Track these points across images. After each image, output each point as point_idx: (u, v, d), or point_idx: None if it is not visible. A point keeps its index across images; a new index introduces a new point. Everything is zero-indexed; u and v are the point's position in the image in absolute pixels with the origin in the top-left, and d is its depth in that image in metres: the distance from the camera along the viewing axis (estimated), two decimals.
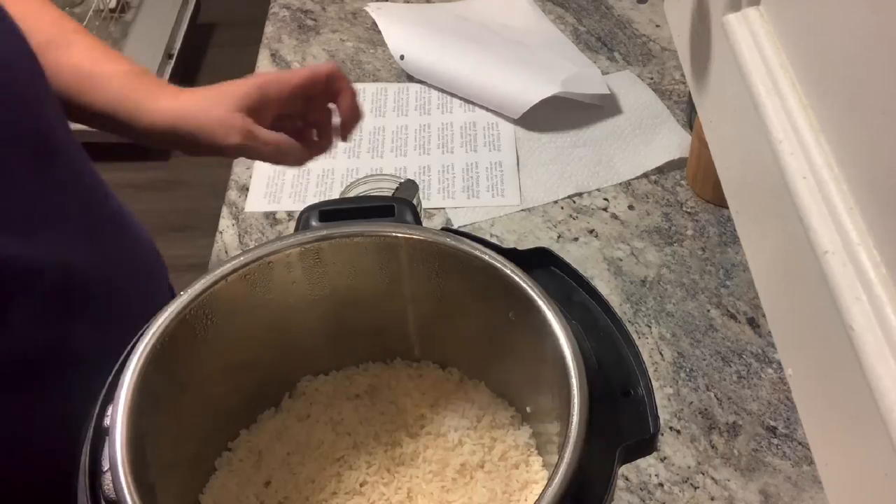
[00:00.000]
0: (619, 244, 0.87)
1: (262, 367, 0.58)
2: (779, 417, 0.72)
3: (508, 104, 0.99)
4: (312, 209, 0.58)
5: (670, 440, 0.71)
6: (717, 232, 0.88)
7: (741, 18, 0.43)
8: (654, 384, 0.65)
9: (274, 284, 0.55)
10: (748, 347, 0.77)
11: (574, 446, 0.44)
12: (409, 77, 1.07)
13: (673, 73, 1.06)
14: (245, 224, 0.90)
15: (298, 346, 0.60)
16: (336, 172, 0.95)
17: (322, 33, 1.15)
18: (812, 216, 0.34)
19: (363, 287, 0.58)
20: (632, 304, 0.81)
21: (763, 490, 0.68)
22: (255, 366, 0.57)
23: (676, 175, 0.93)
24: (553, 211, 0.90)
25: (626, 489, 0.68)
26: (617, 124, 1.00)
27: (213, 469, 0.56)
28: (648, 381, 0.49)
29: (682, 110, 1.00)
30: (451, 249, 0.54)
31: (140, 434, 0.45)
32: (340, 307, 0.59)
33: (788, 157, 0.36)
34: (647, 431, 0.47)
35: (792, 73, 0.38)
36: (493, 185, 0.93)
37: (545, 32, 1.13)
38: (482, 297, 0.55)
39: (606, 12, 1.17)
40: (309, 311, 0.58)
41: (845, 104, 0.34)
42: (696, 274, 0.84)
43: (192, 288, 0.51)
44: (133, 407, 0.46)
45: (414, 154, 0.97)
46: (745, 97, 0.40)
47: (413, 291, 0.59)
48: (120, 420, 0.45)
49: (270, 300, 0.56)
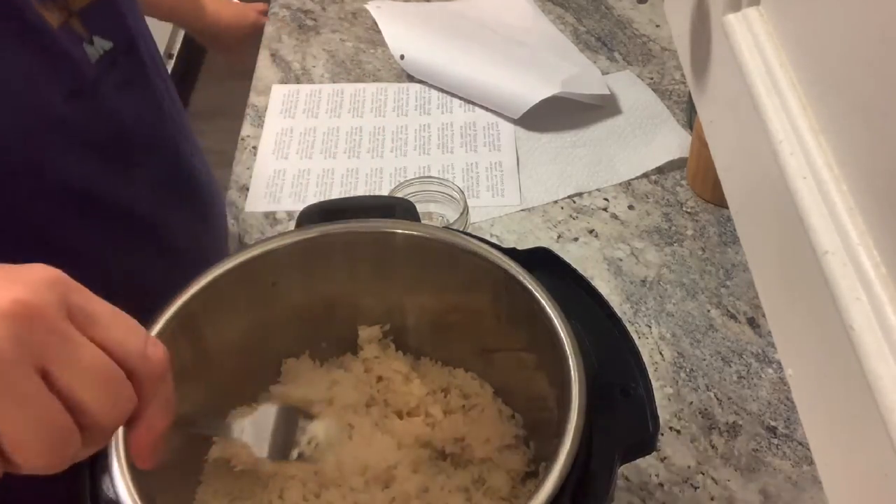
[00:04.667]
0: (619, 244, 0.87)
1: (260, 362, 0.58)
2: (779, 417, 0.72)
3: (508, 104, 0.99)
4: (312, 209, 0.59)
5: (670, 440, 0.71)
6: (717, 232, 0.88)
7: (741, 18, 0.43)
8: (654, 384, 0.64)
9: (274, 280, 0.55)
10: (748, 347, 0.77)
11: (571, 446, 0.44)
12: (409, 77, 1.07)
13: (673, 73, 1.06)
14: (245, 224, 0.90)
15: (297, 340, 0.60)
16: (336, 172, 0.95)
17: (322, 33, 1.15)
18: (812, 216, 0.34)
19: (362, 284, 0.58)
20: (632, 304, 0.81)
21: (763, 490, 0.68)
22: (254, 361, 0.57)
23: (676, 175, 0.93)
24: (553, 211, 0.90)
25: (626, 489, 0.68)
26: (617, 124, 0.99)
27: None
28: (648, 381, 0.49)
29: (682, 110, 1.00)
30: (450, 247, 0.54)
31: None
32: (340, 303, 0.59)
33: (788, 157, 0.36)
34: (647, 431, 0.47)
35: (792, 73, 0.38)
36: (493, 185, 0.93)
37: (545, 32, 1.13)
38: (481, 294, 0.55)
39: (606, 12, 1.17)
40: (308, 306, 0.58)
41: (845, 104, 0.34)
42: (696, 274, 0.84)
43: (192, 286, 0.51)
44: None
45: (414, 154, 0.97)
46: (745, 97, 0.40)
47: (412, 289, 0.59)
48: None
49: (270, 295, 0.56)
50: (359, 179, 0.94)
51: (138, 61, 0.63)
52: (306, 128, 1.01)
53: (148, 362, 0.38)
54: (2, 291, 0.33)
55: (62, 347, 0.34)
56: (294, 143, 0.99)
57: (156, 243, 0.67)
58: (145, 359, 0.37)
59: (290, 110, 1.03)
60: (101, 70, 0.58)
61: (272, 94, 1.05)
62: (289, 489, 0.54)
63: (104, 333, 0.36)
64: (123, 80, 0.60)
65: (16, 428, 0.33)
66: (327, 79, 1.08)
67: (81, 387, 0.34)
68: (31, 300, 0.33)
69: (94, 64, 0.57)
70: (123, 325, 0.37)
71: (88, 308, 0.36)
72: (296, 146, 0.99)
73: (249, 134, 1.01)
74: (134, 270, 0.63)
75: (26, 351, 0.33)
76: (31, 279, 0.34)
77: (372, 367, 0.61)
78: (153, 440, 0.40)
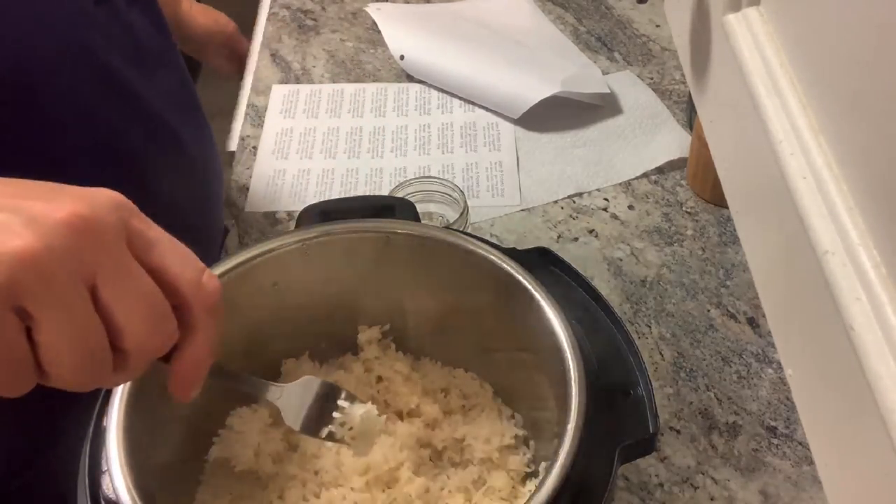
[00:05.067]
0: (619, 244, 0.87)
1: (260, 362, 0.58)
2: (779, 417, 0.72)
3: (508, 104, 0.99)
4: (312, 209, 0.59)
5: (670, 440, 0.71)
6: (717, 232, 0.88)
7: (741, 18, 0.43)
8: (654, 384, 0.65)
9: (274, 280, 0.55)
10: (748, 347, 0.77)
11: (570, 446, 0.44)
12: (409, 77, 1.07)
13: (673, 73, 1.06)
14: (245, 224, 0.90)
15: (297, 340, 0.60)
16: (336, 172, 0.95)
17: (322, 33, 1.15)
18: (812, 216, 0.34)
19: (362, 284, 0.58)
20: (632, 304, 0.81)
21: (763, 490, 0.68)
22: (254, 362, 0.57)
23: (676, 175, 0.93)
24: (553, 211, 0.90)
25: (626, 489, 0.68)
26: (617, 124, 0.99)
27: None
28: (648, 381, 0.49)
29: (682, 110, 1.00)
30: (450, 247, 0.54)
31: (138, 434, 0.45)
32: (340, 303, 0.59)
33: (788, 157, 0.36)
34: (647, 431, 0.47)
35: (792, 73, 0.38)
36: (493, 185, 0.93)
37: (545, 32, 1.13)
38: (481, 294, 0.55)
39: (606, 12, 1.17)
40: (308, 306, 0.58)
41: (845, 104, 0.34)
42: (696, 274, 0.83)
43: None
44: (131, 407, 0.46)
45: (414, 154, 0.97)
46: (745, 97, 0.40)
47: (412, 289, 0.59)
48: (118, 421, 0.45)
49: (270, 295, 0.56)
50: (359, 179, 0.94)
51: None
52: (306, 128, 1.01)
53: (202, 291, 0.38)
54: (65, 203, 0.34)
55: (113, 268, 0.35)
56: (294, 143, 0.99)
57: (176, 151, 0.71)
58: (199, 287, 0.38)
59: (290, 110, 1.03)
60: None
61: (272, 94, 1.05)
62: (289, 489, 0.54)
63: (161, 260, 0.37)
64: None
65: (57, 338, 0.34)
66: (327, 79, 1.08)
67: (125, 310, 0.35)
68: (91, 215, 0.34)
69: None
70: (181, 254, 0.38)
71: (149, 234, 0.37)
72: (296, 146, 0.99)
73: (249, 134, 1.01)
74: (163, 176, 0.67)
75: (77, 263, 0.34)
76: (95, 198, 0.35)
77: (372, 368, 0.61)
78: (197, 374, 0.40)
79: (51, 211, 0.34)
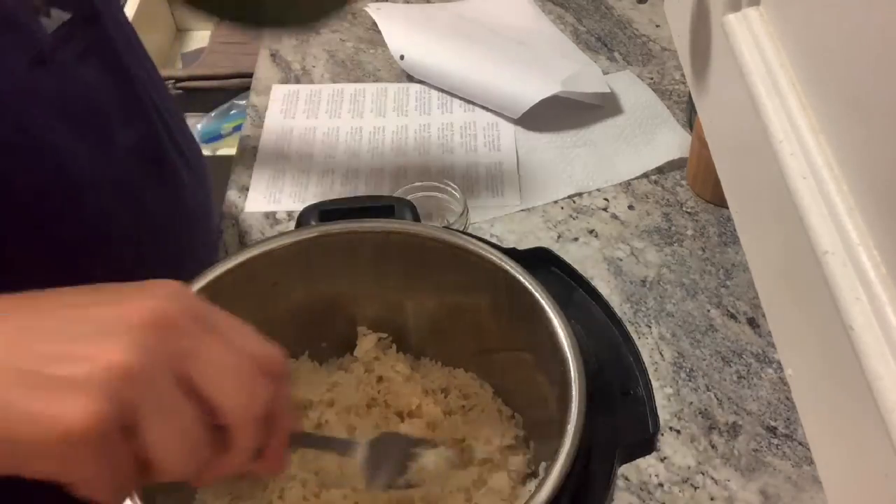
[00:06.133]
0: (619, 244, 0.87)
1: None
2: (779, 417, 0.72)
3: (508, 104, 0.99)
4: (312, 209, 0.59)
5: (670, 440, 0.71)
6: (717, 232, 0.88)
7: (741, 18, 0.43)
8: (654, 384, 0.65)
9: (274, 280, 0.55)
10: (748, 347, 0.77)
11: (570, 446, 0.44)
12: (409, 77, 1.07)
13: (673, 73, 1.06)
14: (245, 224, 0.90)
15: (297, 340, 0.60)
16: (336, 172, 0.95)
17: (322, 33, 1.15)
18: (812, 216, 0.34)
19: (362, 284, 0.58)
20: (632, 304, 0.81)
21: (763, 490, 0.68)
22: None
23: (676, 175, 0.93)
24: (553, 211, 0.90)
25: (626, 489, 0.68)
26: (617, 124, 0.99)
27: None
28: (648, 381, 0.49)
29: (682, 110, 1.00)
30: (450, 247, 0.54)
31: None
32: (340, 304, 0.59)
33: (788, 157, 0.36)
34: (647, 431, 0.47)
35: (792, 73, 0.38)
36: (493, 185, 0.93)
37: (545, 32, 1.13)
38: (481, 294, 0.55)
39: (606, 12, 1.17)
40: (308, 306, 0.58)
41: (845, 104, 0.34)
42: (696, 274, 0.83)
43: (192, 286, 0.51)
44: None
45: (414, 154, 0.97)
46: (745, 97, 0.40)
47: (412, 289, 0.59)
48: None
49: (270, 295, 0.56)
50: (359, 179, 0.94)
51: (102, 34, 0.63)
52: (306, 128, 1.01)
53: (272, 362, 0.38)
54: (137, 303, 0.34)
55: (199, 351, 0.35)
56: (294, 142, 0.99)
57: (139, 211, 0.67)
58: (269, 359, 0.38)
59: (290, 110, 1.03)
60: (59, 40, 0.58)
61: (272, 94, 1.05)
62: (289, 489, 0.54)
63: (228, 337, 0.37)
64: (84, 50, 0.60)
65: (163, 438, 0.33)
66: (327, 79, 1.08)
67: (219, 386, 0.35)
68: (166, 309, 0.34)
69: (51, 34, 0.57)
70: (242, 330, 0.38)
71: (211, 316, 0.37)
72: (296, 146, 0.99)
73: (249, 134, 1.01)
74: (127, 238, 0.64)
75: (167, 359, 0.34)
76: (158, 292, 0.35)
77: (372, 368, 0.61)
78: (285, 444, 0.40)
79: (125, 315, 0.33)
